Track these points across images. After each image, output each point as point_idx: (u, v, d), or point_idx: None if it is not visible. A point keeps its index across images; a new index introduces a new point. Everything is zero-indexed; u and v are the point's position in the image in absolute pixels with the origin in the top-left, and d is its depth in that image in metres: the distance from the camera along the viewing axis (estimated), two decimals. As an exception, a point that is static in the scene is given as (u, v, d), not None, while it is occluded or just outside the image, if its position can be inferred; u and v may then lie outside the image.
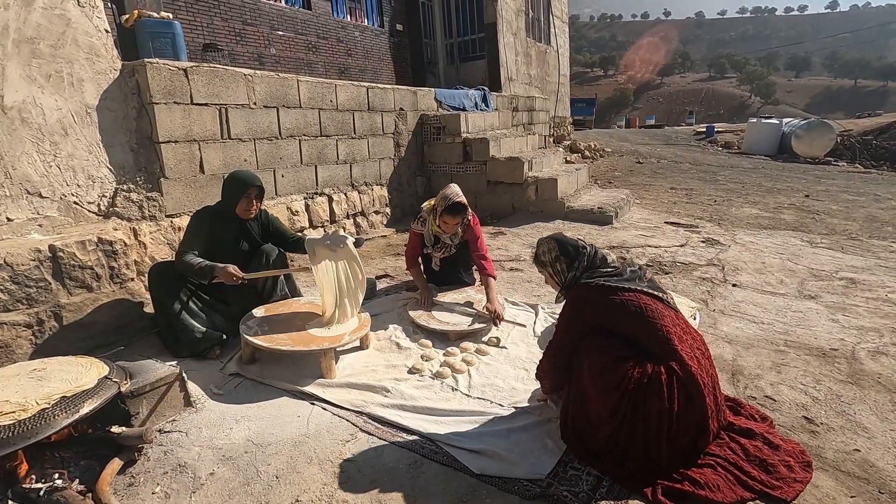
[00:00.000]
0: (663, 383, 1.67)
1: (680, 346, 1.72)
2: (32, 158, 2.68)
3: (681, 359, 1.69)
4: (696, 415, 1.69)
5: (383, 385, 2.27)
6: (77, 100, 2.86)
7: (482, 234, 3.19)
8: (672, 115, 67.05)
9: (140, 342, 2.73)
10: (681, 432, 1.68)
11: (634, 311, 1.75)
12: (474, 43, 10.14)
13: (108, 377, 1.95)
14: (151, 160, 3.20)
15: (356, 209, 4.89)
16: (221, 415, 2.11)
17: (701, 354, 1.79)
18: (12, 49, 2.58)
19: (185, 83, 3.28)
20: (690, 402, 1.67)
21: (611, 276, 1.84)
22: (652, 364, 1.70)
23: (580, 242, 1.97)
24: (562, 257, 1.95)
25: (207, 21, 5.75)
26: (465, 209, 3.01)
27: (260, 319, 2.55)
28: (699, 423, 1.70)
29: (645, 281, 1.87)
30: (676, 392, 1.66)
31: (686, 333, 1.81)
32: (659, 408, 1.66)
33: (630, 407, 1.71)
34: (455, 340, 2.73)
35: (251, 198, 2.73)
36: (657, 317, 1.75)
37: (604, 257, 1.93)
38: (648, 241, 4.50)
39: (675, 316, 1.84)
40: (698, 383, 1.68)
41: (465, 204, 2.99)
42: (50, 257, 2.44)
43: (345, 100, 4.67)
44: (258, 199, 2.77)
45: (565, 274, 1.95)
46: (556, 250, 1.98)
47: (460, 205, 2.97)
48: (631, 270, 1.89)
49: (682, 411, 1.67)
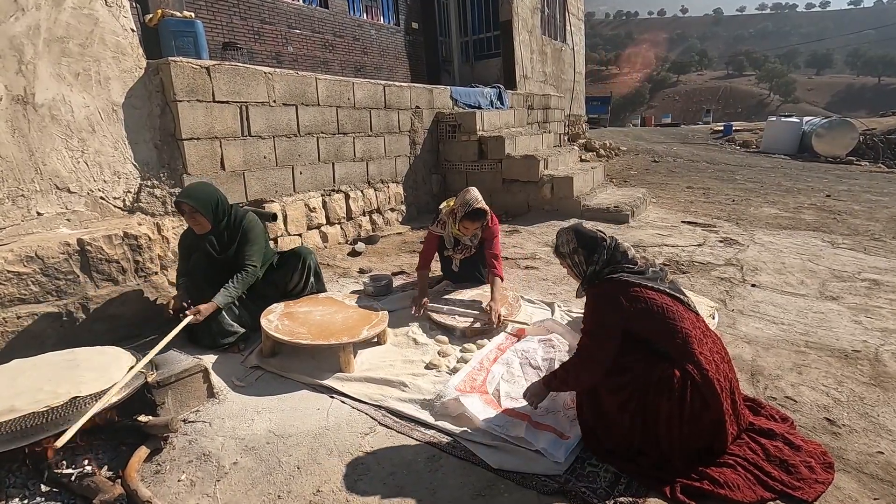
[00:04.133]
0: (675, 386, 1.66)
1: (699, 350, 1.71)
2: (62, 154, 2.76)
3: (698, 362, 1.68)
4: (712, 419, 1.68)
5: (401, 380, 2.29)
6: (104, 97, 2.93)
7: (499, 234, 3.21)
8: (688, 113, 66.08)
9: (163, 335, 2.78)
10: (694, 436, 1.68)
11: (656, 311, 1.74)
12: (489, 41, 10.12)
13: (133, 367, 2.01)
14: (174, 157, 3.27)
15: (372, 206, 4.92)
16: (243, 406, 2.16)
17: (720, 359, 1.78)
18: (43, 48, 2.66)
19: (208, 81, 3.34)
20: (705, 406, 1.66)
21: (633, 273, 1.83)
22: (665, 365, 1.70)
23: (600, 234, 1.92)
24: (580, 249, 1.90)
25: (227, 20, 5.83)
26: (485, 214, 3.00)
27: (280, 314, 2.59)
28: (715, 427, 1.69)
29: (666, 282, 1.86)
30: (690, 395, 1.65)
31: (706, 336, 1.80)
32: (669, 409, 1.66)
33: (640, 406, 1.71)
34: (471, 337, 2.75)
35: (187, 214, 2.59)
36: (678, 318, 1.75)
37: (625, 251, 1.88)
38: (665, 241, 4.46)
39: (696, 319, 1.84)
40: (714, 388, 1.66)
41: (485, 210, 2.98)
42: (78, 251, 2.51)
43: (362, 98, 4.71)
44: (195, 213, 2.57)
45: (584, 266, 1.90)
46: (574, 241, 1.92)
47: (481, 211, 2.96)
48: (653, 270, 1.87)
49: (696, 415, 1.66)
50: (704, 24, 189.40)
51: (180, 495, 1.69)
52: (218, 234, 2.69)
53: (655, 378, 1.69)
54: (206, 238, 2.67)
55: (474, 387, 2.22)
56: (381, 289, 3.36)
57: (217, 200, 2.66)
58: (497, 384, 2.25)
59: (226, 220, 2.71)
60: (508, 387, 2.23)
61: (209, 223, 2.63)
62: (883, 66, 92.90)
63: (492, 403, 2.11)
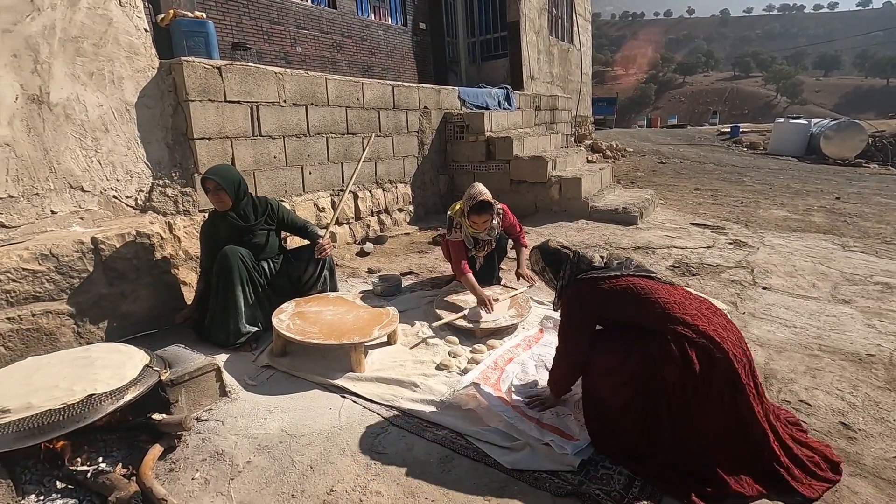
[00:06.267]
0: (672, 348, 1.64)
1: (681, 312, 1.71)
2: (75, 154, 2.78)
3: (684, 321, 1.68)
4: (722, 369, 1.61)
5: (412, 380, 2.29)
6: (117, 97, 2.95)
7: (520, 225, 3.37)
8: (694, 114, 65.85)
9: (172, 333, 2.80)
10: (712, 395, 1.61)
11: (623, 292, 1.80)
12: (496, 42, 10.12)
13: (149, 366, 2.02)
14: (186, 156, 3.28)
15: (380, 206, 4.93)
16: (255, 405, 2.16)
17: (713, 314, 1.76)
18: (58, 48, 2.68)
19: (220, 81, 3.36)
20: (711, 362, 1.62)
21: (596, 270, 1.90)
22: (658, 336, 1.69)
23: (564, 251, 2.02)
24: (547, 267, 2.04)
25: (237, 20, 5.85)
26: (491, 206, 3.04)
27: (292, 313, 2.60)
28: (729, 380, 1.62)
29: (632, 268, 1.90)
30: (693, 353, 1.62)
31: (687, 300, 1.79)
32: (676, 374, 1.63)
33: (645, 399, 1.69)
34: (482, 338, 2.75)
35: (211, 191, 2.70)
36: (649, 291, 1.78)
37: (589, 260, 1.95)
38: (674, 242, 4.45)
39: (672, 287, 1.85)
40: (714, 338, 1.64)
41: (489, 201, 3.02)
42: (92, 249, 2.53)
43: (371, 98, 4.72)
44: (219, 191, 2.69)
45: (555, 283, 2.02)
46: (540, 261, 2.06)
47: (485, 202, 2.99)
48: (617, 263, 1.93)
49: (706, 371, 1.61)
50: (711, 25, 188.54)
51: (194, 493, 1.70)
52: (239, 211, 2.80)
53: (654, 351, 1.68)
54: (228, 214, 2.77)
55: (488, 384, 2.22)
56: (390, 289, 3.37)
57: (239, 180, 2.80)
58: (511, 383, 2.25)
59: (246, 199, 2.83)
60: (522, 387, 2.23)
61: (231, 200, 2.73)
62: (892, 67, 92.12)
63: (503, 400, 2.12)
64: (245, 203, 2.83)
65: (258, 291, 2.77)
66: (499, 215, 3.19)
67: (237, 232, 2.78)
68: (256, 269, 2.79)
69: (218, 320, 2.63)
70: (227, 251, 2.65)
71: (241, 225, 2.80)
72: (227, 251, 2.65)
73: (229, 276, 2.63)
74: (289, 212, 3.05)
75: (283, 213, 2.99)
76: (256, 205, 2.90)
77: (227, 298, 2.62)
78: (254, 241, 2.83)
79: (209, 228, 2.83)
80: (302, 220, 3.08)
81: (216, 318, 2.64)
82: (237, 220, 2.79)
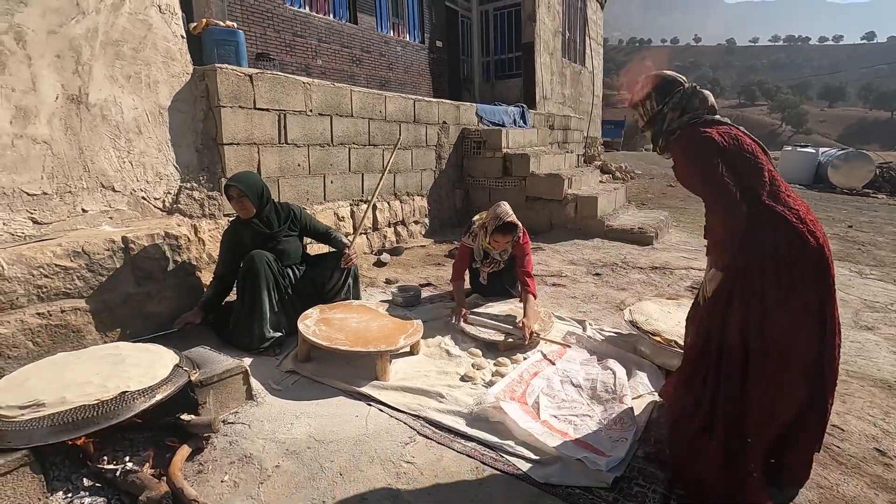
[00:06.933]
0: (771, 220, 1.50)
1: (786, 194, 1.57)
2: (109, 154, 2.81)
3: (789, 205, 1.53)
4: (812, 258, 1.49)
5: (437, 391, 2.28)
6: (152, 100, 3.00)
7: (530, 252, 3.21)
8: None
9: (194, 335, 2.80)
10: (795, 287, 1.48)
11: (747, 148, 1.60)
12: (510, 62, 10.29)
13: (179, 366, 2.02)
14: (214, 161, 3.32)
15: (397, 218, 4.95)
16: (281, 410, 2.15)
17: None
18: (99, 50, 2.73)
19: (250, 88, 3.41)
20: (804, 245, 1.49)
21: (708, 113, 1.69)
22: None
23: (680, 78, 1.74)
24: (653, 93, 1.73)
25: (261, 32, 5.97)
26: (516, 228, 3.02)
27: (317, 319, 2.60)
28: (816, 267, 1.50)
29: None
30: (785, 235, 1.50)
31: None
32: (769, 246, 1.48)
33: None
34: (504, 351, 2.73)
35: (234, 198, 2.72)
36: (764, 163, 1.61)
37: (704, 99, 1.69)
38: (691, 264, 4.44)
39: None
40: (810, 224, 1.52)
41: (516, 223, 3.00)
42: (122, 248, 2.54)
43: (393, 111, 4.78)
44: (242, 198, 2.70)
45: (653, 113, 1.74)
46: (649, 86, 1.75)
47: (511, 224, 2.98)
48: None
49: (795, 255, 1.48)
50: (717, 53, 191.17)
51: (224, 496, 1.68)
52: (262, 218, 2.82)
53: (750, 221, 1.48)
54: (251, 221, 2.78)
55: (514, 397, 2.21)
56: (410, 299, 3.37)
57: (262, 187, 2.82)
58: (536, 397, 2.24)
59: (269, 205, 2.85)
60: (548, 401, 2.22)
61: (254, 207, 2.75)
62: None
63: (531, 414, 2.10)
64: (268, 210, 2.85)
65: (283, 297, 2.77)
66: (514, 240, 3.13)
67: (261, 239, 2.80)
68: (281, 275, 2.80)
69: (242, 324, 2.63)
70: (255, 255, 2.67)
71: (266, 232, 2.82)
72: (255, 255, 2.67)
73: (256, 280, 2.64)
74: (311, 217, 3.07)
75: (305, 218, 3.02)
76: (279, 211, 2.92)
77: (253, 302, 2.63)
78: (278, 248, 2.84)
79: (232, 236, 2.83)
80: (324, 226, 3.10)
81: (241, 321, 2.64)
82: (261, 227, 2.81)
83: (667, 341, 2.47)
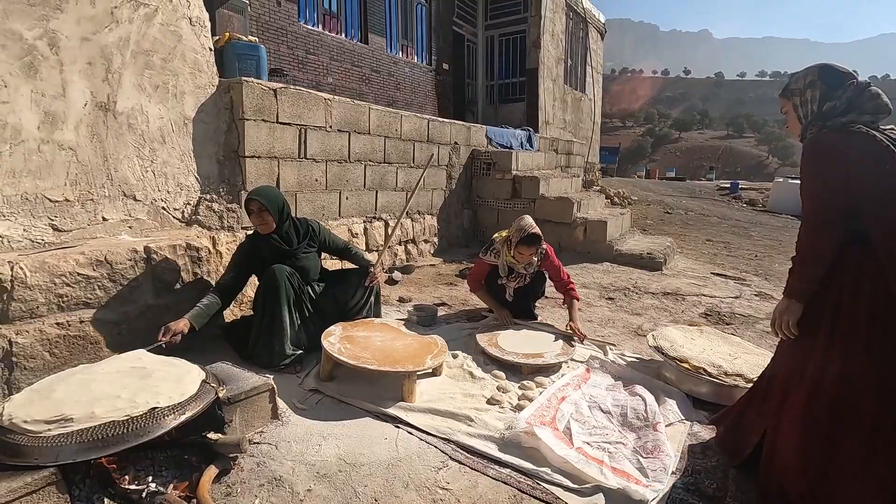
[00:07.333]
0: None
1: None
2: (132, 163, 2.78)
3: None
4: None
5: (466, 414, 2.23)
6: (177, 111, 2.98)
7: (560, 264, 3.29)
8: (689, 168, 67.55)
9: (210, 349, 2.73)
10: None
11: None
12: (514, 86, 10.49)
13: (206, 381, 1.95)
14: (235, 173, 3.29)
15: (408, 236, 4.94)
16: (307, 430, 2.08)
17: None
18: (130, 59, 2.72)
19: (274, 102, 3.41)
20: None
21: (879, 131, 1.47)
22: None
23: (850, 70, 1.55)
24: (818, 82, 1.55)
25: (275, 48, 6.03)
26: (540, 240, 3.06)
27: (341, 337, 2.55)
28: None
29: None
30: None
31: None
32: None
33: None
34: (528, 374, 2.69)
35: (255, 212, 2.66)
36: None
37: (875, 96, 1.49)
38: (702, 291, 4.46)
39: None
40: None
41: (539, 235, 3.04)
42: (144, 258, 2.49)
43: (408, 130, 4.81)
44: (263, 212, 2.64)
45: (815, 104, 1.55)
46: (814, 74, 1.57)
47: (535, 236, 3.02)
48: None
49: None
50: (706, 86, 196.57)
51: (256, 521, 1.61)
52: (281, 234, 2.76)
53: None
54: (271, 237, 2.73)
55: (544, 422, 2.17)
56: (426, 319, 3.33)
57: (283, 202, 2.77)
58: (567, 422, 2.19)
59: (288, 222, 2.80)
60: (579, 427, 2.18)
61: (274, 222, 2.70)
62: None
63: (564, 440, 2.06)
64: (288, 226, 2.80)
65: (303, 313, 2.72)
66: (540, 254, 3.20)
67: (280, 256, 2.74)
68: (301, 291, 2.74)
69: (263, 341, 2.57)
70: (275, 270, 2.61)
71: (285, 248, 2.76)
72: (275, 270, 2.61)
73: (276, 295, 2.58)
74: (329, 232, 3.03)
75: (324, 234, 2.97)
76: (298, 227, 2.86)
77: (273, 318, 2.57)
78: (297, 265, 2.77)
79: (248, 251, 2.74)
80: (343, 242, 3.07)
81: (261, 338, 2.58)
82: (280, 244, 2.75)
83: (695, 368, 2.46)
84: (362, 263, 2.96)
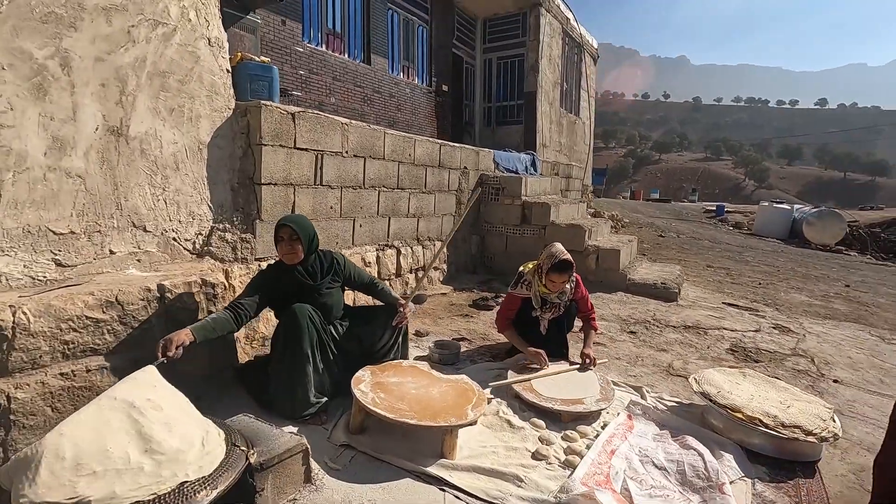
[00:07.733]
0: None
1: None
2: (144, 191, 2.57)
3: None
4: None
5: (513, 472, 2.05)
6: (192, 135, 2.79)
7: (589, 296, 3.22)
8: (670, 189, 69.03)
9: (227, 398, 2.50)
10: None
11: None
12: (511, 108, 10.51)
13: (235, 444, 1.74)
14: (249, 201, 3.10)
15: (419, 264, 4.77)
16: (345, 496, 1.87)
17: None
18: (145, 81, 2.54)
19: (292, 127, 3.25)
20: None
21: None
22: None
23: None
24: None
25: (279, 67, 5.85)
26: (572, 266, 2.94)
27: (372, 384, 2.35)
28: None
29: None
30: None
31: None
32: None
33: None
34: (569, 422, 2.53)
35: (285, 240, 2.48)
36: None
37: None
38: (722, 324, 4.37)
39: None
40: None
41: (571, 262, 2.93)
42: (158, 297, 2.27)
43: (420, 154, 4.68)
44: (294, 241, 2.47)
45: None
46: None
47: (568, 262, 2.91)
48: None
49: None
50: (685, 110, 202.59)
51: None
52: (306, 266, 2.57)
53: None
54: (295, 269, 2.53)
55: (599, 482, 2.00)
56: (450, 357, 3.15)
57: (314, 233, 2.58)
58: (623, 481, 2.03)
59: (315, 255, 2.62)
60: (637, 487, 2.01)
61: (303, 253, 2.51)
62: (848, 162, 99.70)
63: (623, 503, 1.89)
64: (314, 259, 2.61)
65: (327, 356, 2.51)
66: (572, 282, 3.08)
67: (302, 290, 2.54)
68: (324, 330, 2.54)
69: (283, 389, 2.35)
70: (297, 310, 2.39)
71: (308, 283, 2.56)
72: (297, 310, 2.39)
73: (298, 337, 2.36)
74: (354, 266, 2.84)
75: (349, 268, 2.78)
76: (322, 260, 2.67)
77: (294, 363, 2.35)
78: (320, 301, 2.56)
79: (268, 282, 2.51)
80: (368, 276, 2.88)
81: (281, 384, 2.36)
82: (304, 278, 2.55)
83: (749, 419, 2.32)
84: (390, 300, 2.78)
